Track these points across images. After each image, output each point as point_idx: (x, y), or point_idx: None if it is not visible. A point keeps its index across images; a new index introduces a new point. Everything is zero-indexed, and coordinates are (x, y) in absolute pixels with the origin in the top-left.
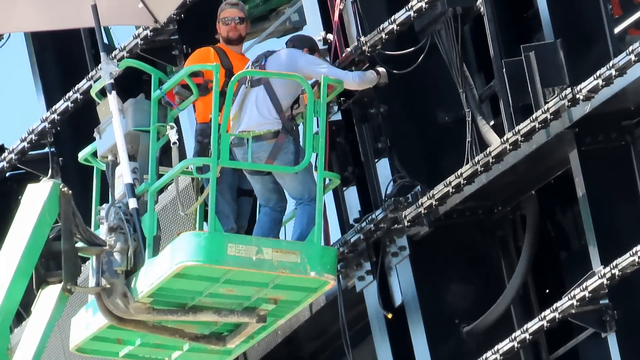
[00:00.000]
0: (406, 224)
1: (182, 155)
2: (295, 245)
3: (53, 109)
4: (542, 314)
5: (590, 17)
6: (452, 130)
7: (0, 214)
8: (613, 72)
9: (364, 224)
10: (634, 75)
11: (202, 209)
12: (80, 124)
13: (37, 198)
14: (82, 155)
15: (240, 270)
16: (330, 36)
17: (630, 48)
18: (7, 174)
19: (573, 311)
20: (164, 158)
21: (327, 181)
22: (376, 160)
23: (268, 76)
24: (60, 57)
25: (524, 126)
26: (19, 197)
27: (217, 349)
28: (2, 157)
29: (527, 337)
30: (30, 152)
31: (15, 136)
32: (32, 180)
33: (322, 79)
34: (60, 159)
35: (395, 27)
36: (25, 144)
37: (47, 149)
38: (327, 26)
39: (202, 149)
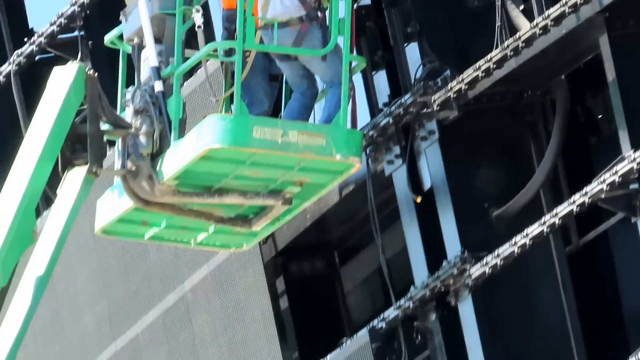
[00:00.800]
0: (435, 108)
1: (209, 39)
2: (321, 128)
3: None
4: (572, 199)
5: None
6: (481, 15)
7: (30, 97)
8: None
9: (393, 107)
10: None
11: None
12: (110, 7)
13: (63, 81)
14: (108, 38)
15: (266, 153)
16: None
17: None
18: (37, 58)
19: (603, 196)
20: (192, 42)
21: (353, 64)
22: (406, 44)
23: None
24: None
25: (554, 11)
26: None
27: (243, 231)
28: (32, 40)
29: (557, 221)
30: (59, 36)
31: (45, 20)
32: (62, 63)
33: None
34: (89, 42)
35: None
36: (54, 27)
37: (76, 33)
38: None
39: (229, 36)
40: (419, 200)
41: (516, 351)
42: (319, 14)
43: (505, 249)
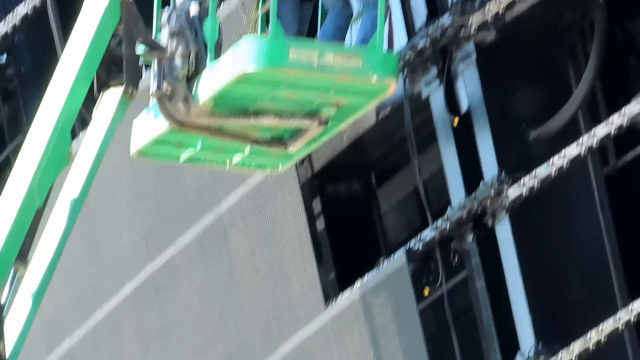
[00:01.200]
0: (473, 30)
1: None
2: (357, 50)
3: None
4: (610, 120)
5: None
6: None
7: (66, 20)
8: None
9: (430, 29)
10: None
11: (265, 15)
12: None
13: (98, 3)
14: None
15: (302, 75)
16: None
17: None
18: None
19: None
20: None
21: None
22: None
23: None
24: None
25: None
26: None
27: (279, 152)
28: None
29: (595, 142)
30: None
31: None
32: None
33: None
34: None
35: None
36: None
37: None
38: None
39: None
40: (456, 121)
41: (553, 272)
42: None
43: (543, 170)
